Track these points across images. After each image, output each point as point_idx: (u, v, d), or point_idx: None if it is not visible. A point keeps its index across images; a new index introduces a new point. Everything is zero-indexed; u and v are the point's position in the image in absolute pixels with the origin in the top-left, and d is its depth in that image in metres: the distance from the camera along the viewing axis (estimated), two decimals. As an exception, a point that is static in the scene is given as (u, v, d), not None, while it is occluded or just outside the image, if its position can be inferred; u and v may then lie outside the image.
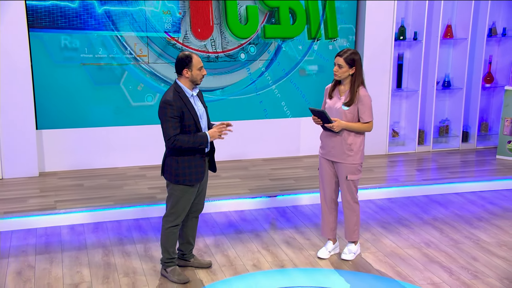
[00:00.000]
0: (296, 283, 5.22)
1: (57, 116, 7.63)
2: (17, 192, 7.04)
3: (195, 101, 5.02)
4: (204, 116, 5.08)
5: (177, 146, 4.87)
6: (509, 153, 8.28)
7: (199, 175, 5.04)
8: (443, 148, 8.82)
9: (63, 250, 5.87)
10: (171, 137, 4.83)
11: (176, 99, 4.87)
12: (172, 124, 4.84)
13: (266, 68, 8.14)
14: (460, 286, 5.21)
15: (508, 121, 8.27)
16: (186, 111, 4.89)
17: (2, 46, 7.20)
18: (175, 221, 5.10)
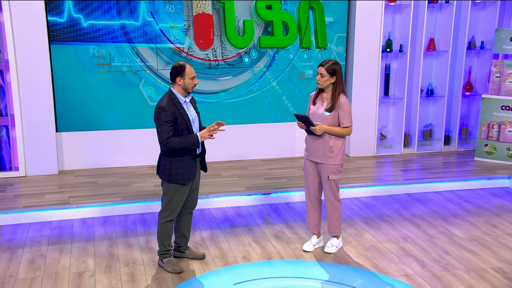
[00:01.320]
0: (280, 273, 5.14)
1: (74, 120, 7.60)
2: (37, 188, 7.02)
3: (188, 107, 4.95)
4: (196, 121, 5.01)
5: (170, 148, 4.79)
6: (486, 156, 8.09)
7: (191, 175, 4.96)
8: (427, 151, 8.67)
9: (73, 241, 5.84)
10: (164, 140, 4.77)
11: (170, 105, 4.80)
12: (165, 128, 4.77)
13: (267, 69, 8.04)
14: (431, 277, 5.09)
15: (485, 126, 8.08)
16: (179, 116, 4.82)
17: (26, 58, 7.18)
18: (169, 217, 5.04)
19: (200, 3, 7.56)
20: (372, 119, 8.35)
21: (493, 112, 7.99)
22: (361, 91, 8.21)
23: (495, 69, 7.98)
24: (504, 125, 7.93)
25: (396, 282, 4.99)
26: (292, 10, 7.88)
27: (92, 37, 7.40)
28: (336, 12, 8.04)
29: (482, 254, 5.53)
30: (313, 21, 8.00)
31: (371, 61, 8.15)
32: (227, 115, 7.99)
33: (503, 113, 7.93)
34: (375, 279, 5.05)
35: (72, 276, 5.11)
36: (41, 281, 5.03)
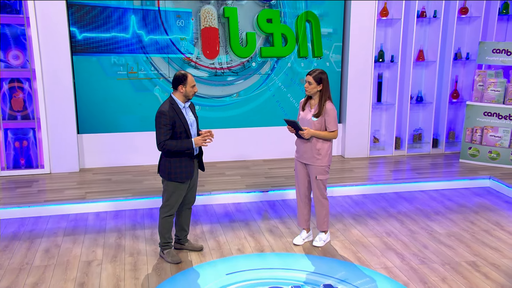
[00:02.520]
0: (270, 265, 5.08)
1: (94, 123, 7.60)
2: (59, 184, 7.03)
3: (186, 112, 4.91)
4: (194, 125, 4.97)
5: (165, 150, 4.77)
6: (470, 158, 7.92)
7: (189, 174, 4.92)
8: (416, 153, 8.51)
9: (86, 233, 5.83)
10: (161, 142, 4.74)
11: (169, 110, 4.77)
12: (163, 131, 4.73)
13: (271, 71, 7.97)
14: (408, 270, 4.99)
15: (469, 130, 7.91)
16: (177, 120, 4.78)
17: (51, 68, 7.21)
18: (169, 212, 5.00)
19: (207, 18, 7.53)
20: (365, 123, 8.23)
21: (477, 117, 7.82)
22: (356, 97, 8.11)
23: (478, 78, 7.81)
24: (486, 129, 7.75)
25: (375, 274, 4.89)
26: (290, 23, 7.81)
27: (113, 48, 7.41)
28: (333, 23, 7.94)
29: (458, 249, 5.41)
30: (309, 32, 7.91)
31: (365, 70, 8.04)
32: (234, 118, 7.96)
33: (485, 118, 7.76)
34: (357, 271, 4.96)
35: (81, 264, 5.10)
36: (53, 268, 5.03)
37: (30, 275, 4.92)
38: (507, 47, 7.60)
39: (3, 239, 5.69)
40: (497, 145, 7.72)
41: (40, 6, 7.01)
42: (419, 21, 8.18)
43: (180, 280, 4.77)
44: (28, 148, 7.52)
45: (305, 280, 4.78)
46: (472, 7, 8.24)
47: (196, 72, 7.67)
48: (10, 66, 7.27)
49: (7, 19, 7.11)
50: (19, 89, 7.35)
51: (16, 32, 7.20)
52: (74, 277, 4.85)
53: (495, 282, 4.75)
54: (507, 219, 6.17)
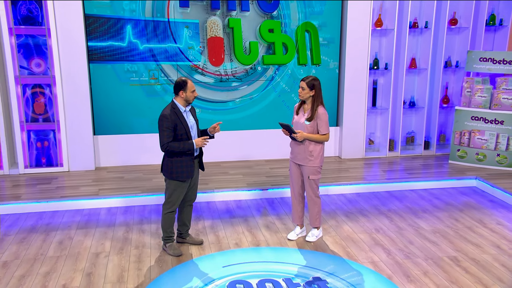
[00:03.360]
0: (264, 258, 5.04)
1: (109, 125, 7.62)
2: (75, 182, 7.06)
3: (187, 115, 4.90)
4: (194, 127, 4.95)
5: (168, 151, 4.76)
6: (458, 159, 7.82)
7: (189, 173, 4.91)
8: (409, 154, 8.42)
9: (97, 227, 5.84)
10: (164, 144, 4.73)
11: (171, 114, 4.76)
12: (166, 134, 4.73)
13: (275, 73, 7.93)
14: (393, 264, 4.93)
15: (457, 133, 7.81)
16: (178, 123, 4.77)
17: (69, 75, 7.25)
18: (171, 208, 4.99)
19: (213, 28, 7.52)
20: (361, 126, 8.17)
21: (465, 121, 7.72)
22: (352, 102, 8.05)
23: (466, 85, 7.71)
24: (474, 133, 7.65)
25: (362, 268, 4.84)
26: (291, 32, 7.77)
27: (126, 56, 7.43)
28: (331, 33, 7.89)
29: (442, 245, 5.33)
30: (309, 42, 7.87)
31: (360, 77, 7.98)
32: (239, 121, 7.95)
33: (473, 122, 7.65)
34: (345, 265, 4.91)
35: (90, 255, 5.12)
36: (64, 259, 5.05)
37: (43, 264, 4.95)
38: (493, 56, 7.49)
39: (22, 231, 5.73)
40: (483, 148, 7.61)
41: (60, 18, 7.06)
42: (411, 31, 8.10)
43: (179, 271, 4.76)
44: (49, 148, 7.57)
45: (296, 273, 4.74)
46: (461, 18, 8.15)
47: (202, 78, 7.67)
48: (33, 73, 7.32)
49: (30, 30, 7.16)
50: (40, 94, 7.40)
51: (38, 42, 7.24)
52: (82, 268, 4.87)
53: (473, 276, 4.68)
54: (490, 217, 6.08)
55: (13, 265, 4.94)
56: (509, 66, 7.40)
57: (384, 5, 8.01)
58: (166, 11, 7.37)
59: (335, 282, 4.57)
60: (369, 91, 8.28)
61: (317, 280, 4.59)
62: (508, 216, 6.11)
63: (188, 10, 7.43)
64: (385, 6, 8.01)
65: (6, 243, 5.43)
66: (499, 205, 6.48)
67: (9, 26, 7.03)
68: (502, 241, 5.41)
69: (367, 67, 7.93)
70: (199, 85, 7.67)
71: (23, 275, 4.75)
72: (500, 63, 7.44)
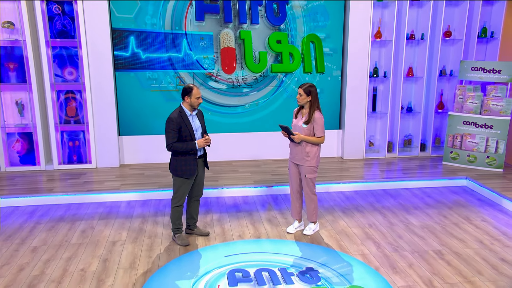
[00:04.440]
0: (263, 249, 5.02)
1: (132, 127, 7.69)
2: (101, 177, 7.13)
3: (193, 119, 4.89)
4: (199, 130, 4.94)
5: (173, 150, 4.77)
6: (451, 160, 7.66)
7: (192, 171, 4.92)
8: (406, 155, 8.29)
9: (117, 218, 5.89)
10: (169, 144, 4.75)
11: (177, 117, 4.77)
12: (171, 135, 4.74)
13: (284, 77, 7.90)
14: (381, 257, 4.85)
15: (450, 136, 7.64)
16: (183, 126, 4.78)
17: (97, 82, 7.34)
18: (178, 202, 5.00)
19: (226, 39, 7.53)
20: (362, 130, 8.07)
21: (457, 126, 7.55)
22: (354, 107, 7.96)
23: (459, 92, 7.54)
24: (465, 136, 7.48)
25: (352, 260, 4.78)
26: (297, 43, 7.73)
27: (148, 65, 7.49)
28: (334, 43, 7.82)
29: (428, 239, 5.23)
30: (313, 52, 7.81)
31: (361, 84, 7.89)
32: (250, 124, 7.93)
33: (464, 127, 7.48)
34: (337, 257, 4.85)
35: (108, 244, 5.17)
36: (85, 246, 5.11)
37: (66, 250, 5.02)
38: (484, 66, 7.32)
39: (51, 220, 5.83)
40: (474, 150, 7.43)
41: (89, 32, 7.16)
42: (408, 42, 7.98)
43: (185, 260, 4.77)
44: (79, 147, 7.67)
45: (291, 263, 4.70)
46: (455, 31, 7.99)
47: (216, 84, 7.69)
48: (66, 80, 7.44)
49: (64, 43, 7.28)
50: (72, 99, 7.51)
51: (71, 53, 7.36)
52: (100, 254, 4.92)
53: (455, 268, 4.57)
54: (476, 214, 5.94)
55: (41, 250, 5.02)
56: (499, 75, 7.21)
57: (383, 18, 7.90)
58: (183, 24, 7.40)
59: (326, 272, 4.52)
60: (369, 97, 8.18)
61: (309, 270, 4.54)
62: (493, 213, 5.96)
63: (204, 23, 7.45)
64: (384, 19, 7.90)
65: (37, 231, 5.53)
66: (486, 203, 6.32)
67: (46, 39, 7.16)
68: (485, 236, 5.28)
69: (368, 75, 7.84)
70: (213, 91, 7.69)
71: (48, 259, 4.83)
72: (490, 72, 7.26)
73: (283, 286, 4.27)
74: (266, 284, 4.28)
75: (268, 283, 4.30)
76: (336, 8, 7.70)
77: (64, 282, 4.39)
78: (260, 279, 4.37)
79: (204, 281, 4.33)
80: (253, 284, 4.28)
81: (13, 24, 7.13)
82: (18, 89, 7.38)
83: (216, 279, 4.37)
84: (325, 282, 4.33)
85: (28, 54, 7.14)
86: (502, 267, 4.59)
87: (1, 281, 4.42)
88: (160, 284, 4.29)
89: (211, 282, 4.31)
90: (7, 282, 4.41)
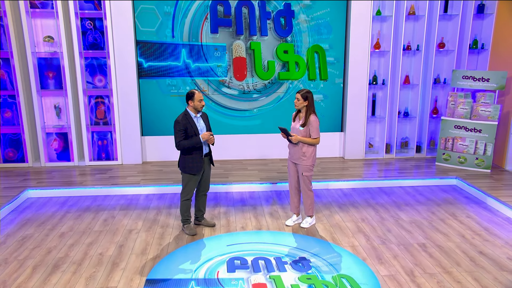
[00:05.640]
0: (262, 240, 5.03)
1: (153, 128, 7.78)
2: (125, 172, 7.24)
3: (198, 120, 4.93)
4: (203, 130, 4.98)
5: (181, 147, 4.82)
6: (444, 161, 7.51)
7: (199, 168, 4.96)
8: (403, 156, 8.17)
9: (135, 209, 5.97)
10: (177, 142, 4.80)
11: (183, 119, 4.82)
12: (178, 135, 4.80)
13: (290, 84, 7.88)
14: (370, 248, 4.80)
15: (443, 139, 7.50)
16: (189, 126, 4.83)
17: (123, 88, 7.45)
18: (186, 196, 5.06)
19: (237, 50, 7.57)
20: (362, 132, 7.99)
21: (449, 129, 7.41)
22: (355, 111, 7.89)
23: (451, 98, 7.40)
24: (456, 139, 7.33)
25: (342, 251, 4.75)
26: (302, 53, 7.70)
27: (167, 73, 7.58)
28: (337, 53, 7.77)
29: (415, 233, 5.16)
30: (317, 61, 7.77)
31: (361, 91, 7.81)
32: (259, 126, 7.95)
33: (456, 130, 7.33)
34: (328, 248, 4.83)
35: (124, 232, 5.26)
36: (105, 233, 5.22)
37: (89, 236, 5.13)
38: (474, 75, 7.16)
39: (79, 210, 5.96)
40: (464, 152, 7.28)
41: (117, 44, 7.29)
42: (405, 53, 7.86)
43: (191, 247, 4.82)
44: (107, 146, 7.81)
45: (286, 253, 4.70)
46: (448, 42, 7.83)
47: (228, 90, 7.73)
48: (96, 87, 7.58)
49: (95, 53, 7.43)
50: (101, 103, 7.65)
51: (101, 62, 7.50)
52: (117, 241, 5.02)
53: (436, 260, 4.51)
54: (462, 211, 5.82)
55: (67, 236, 5.15)
56: (487, 83, 7.04)
57: (382, 31, 7.80)
58: (199, 37, 7.47)
59: (317, 261, 4.51)
60: (369, 103, 8.09)
61: (302, 260, 4.54)
62: (478, 210, 5.83)
63: (217, 36, 7.51)
64: (383, 32, 7.80)
65: (66, 219, 5.66)
66: (472, 201, 6.19)
67: (79, 51, 7.32)
68: (467, 231, 5.17)
69: (367, 82, 7.75)
70: (226, 96, 7.73)
71: (72, 244, 4.95)
72: (480, 80, 7.10)
73: (277, 273, 4.27)
74: (261, 271, 4.29)
75: (263, 270, 4.31)
76: (338, 22, 7.64)
77: (84, 264, 4.49)
78: (256, 266, 4.38)
79: (205, 267, 4.37)
80: (249, 271, 4.30)
81: (52, 38, 7.32)
82: (56, 94, 7.57)
83: (216, 265, 4.41)
84: (315, 271, 4.32)
85: (64, 64, 7.31)
86: (479, 259, 4.50)
87: (31, 261, 4.56)
88: (166, 268, 4.35)
89: (212, 268, 4.35)
90: (36, 262, 4.55)
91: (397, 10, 7.64)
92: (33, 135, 7.62)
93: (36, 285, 4.13)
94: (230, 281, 4.12)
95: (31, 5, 7.15)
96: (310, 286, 4.04)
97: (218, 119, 7.79)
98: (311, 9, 7.56)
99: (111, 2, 7.12)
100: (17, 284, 4.15)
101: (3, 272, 4.36)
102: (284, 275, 4.22)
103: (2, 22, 7.13)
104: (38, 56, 7.36)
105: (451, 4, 7.70)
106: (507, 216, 5.62)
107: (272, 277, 4.18)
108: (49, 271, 4.37)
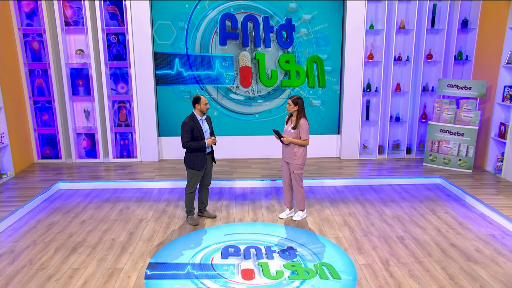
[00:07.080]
0: (256, 231, 5.09)
1: (169, 129, 7.89)
2: (142, 169, 7.35)
3: (203, 123, 5.01)
4: (207, 132, 5.06)
5: (187, 148, 4.89)
6: (430, 162, 7.42)
7: (202, 165, 5.04)
8: (394, 157, 8.08)
9: (148, 201, 6.08)
10: (184, 143, 4.89)
11: (190, 121, 4.91)
12: (185, 136, 4.88)
13: (291, 91, 7.79)
14: (352, 240, 4.80)
15: (430, 142, 7.40)
16: (195, 128, 4.91)
17: (142, 94, 7.57)
18: (190, 190, 5.14)
19: (244, 60, 7.63)
20: (357, 135, 7.94)
21: (435, 133, 7.31)
22: (350, 116, 7.86)
23: (437, 105, 7.30)
24: (442, 142, 7.23)
25: (327, 242, 4.77)
26: (302, 63, 7.72)
27: (181, 81, 7.69)
28: (334, 62, 7.75)
29: (395, 227, 5.13)
30: (316, 70, 7.77)
31: (356, 97, 7.76)
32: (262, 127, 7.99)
33: (441, 134, 7.23)
34: (315, 239, 4.86)
35: (136, 221, 5.38)
36: (119, 222, 5.35)
37: (105, 224, 5.28)
38: (457, 83, 7.06)
39: (100, 201, 6.11)
40: (448, 153, 7.17)
41: (137, 56, 7.43)
42: (396, 63, 7.80)
43: (192, 236, 4.91)
44: (128, 145, 7.95)
45: (276, 242, 4.75)
46: (436, 54, 7.73)
47: (235, 96, 7.80)
48: (119, 93, 7.73)
49: (118, 64, 7.60)
50: (123, 108, 7.80)
51: (123, 72, 7.66)
52: (129, 228, 5.15)
53: (411, 251, 4.50)
54: (442, 207, 5.76)
55: (87, 223, 5.31)
56: (469, 91, 6.94)
57: (375, 43, 7.76)
58: (210, 48, 7.57)
59: (303, 251, 4.54)
60: (363, 108, 8.04)
61: (289, 249, 4.58)
62: (456, 207, 5.75)
63: (226, 47, 7.59)
64: (376, 44, 7.75)
65: (88, 208, 5.83)
66: (452, 198, 6.11)
67: (105, 62, 7.50)
68: (443, 225, 5.13)
69: (362, 89, 7.71)
70: (233, 101, 7.80)
71: (90, 230, 5.11)
72: (463, 88, 6.99)
73: (265, 260, 4.32)
74: (251, 258, 4.35)
75: (253, 257, 4.37)
76: (335, 35, 7.64)
77: (98, 248, 4.64)
78: (248, 254, 4.44)
79: (202, 253, 4.45)
80: (240, 257, 4.37)
81: (83, 51, 7.53)
82: (85, 100, 7.78)
83: (212, 252, 4.48)
84: (299, 259, 4.35)
85: (92, 73, 7.51)
86: (450, 250, 4.46)
87: (55, 243, 4.74)
88: (168, 253, 4.45)
89: (208, 254, 4.43)
90: (58, 245, 4.72)
91: (388, 24, 7.59)
92: (65, 135, 7.85)
93: (56, 264, 4.29)
94: (222, 266, 4.19)
95: (66, 23, 7.39)
96: (293, 272, 4.08)
97: (226, 121, 7.86)
98: (311, 23, 7.58)
99: (132, 19, 7.28)
100: (41, 262, 4.33)
101: (31, 252, 4.54)
102: (271, 262, 4.27)
103: (42, 38, 7.38)
104: (71, 67, 7.58)
105: (438, 19, 7.61)
106: (481, 212, 5.53)
107: (260, 264, 4.23)
108: (68, 253, 4.52)
